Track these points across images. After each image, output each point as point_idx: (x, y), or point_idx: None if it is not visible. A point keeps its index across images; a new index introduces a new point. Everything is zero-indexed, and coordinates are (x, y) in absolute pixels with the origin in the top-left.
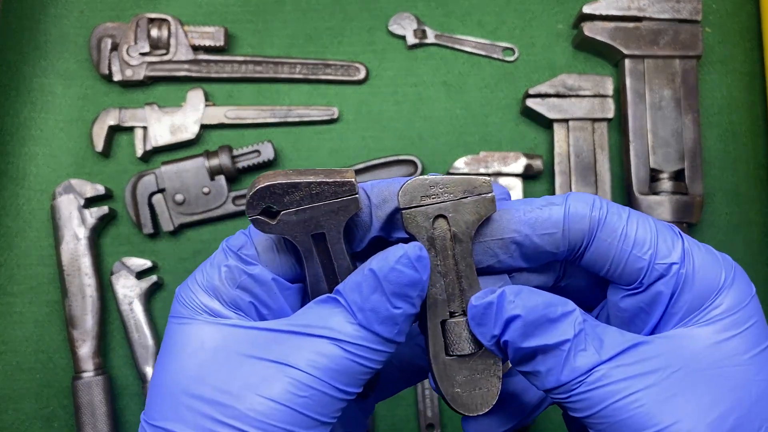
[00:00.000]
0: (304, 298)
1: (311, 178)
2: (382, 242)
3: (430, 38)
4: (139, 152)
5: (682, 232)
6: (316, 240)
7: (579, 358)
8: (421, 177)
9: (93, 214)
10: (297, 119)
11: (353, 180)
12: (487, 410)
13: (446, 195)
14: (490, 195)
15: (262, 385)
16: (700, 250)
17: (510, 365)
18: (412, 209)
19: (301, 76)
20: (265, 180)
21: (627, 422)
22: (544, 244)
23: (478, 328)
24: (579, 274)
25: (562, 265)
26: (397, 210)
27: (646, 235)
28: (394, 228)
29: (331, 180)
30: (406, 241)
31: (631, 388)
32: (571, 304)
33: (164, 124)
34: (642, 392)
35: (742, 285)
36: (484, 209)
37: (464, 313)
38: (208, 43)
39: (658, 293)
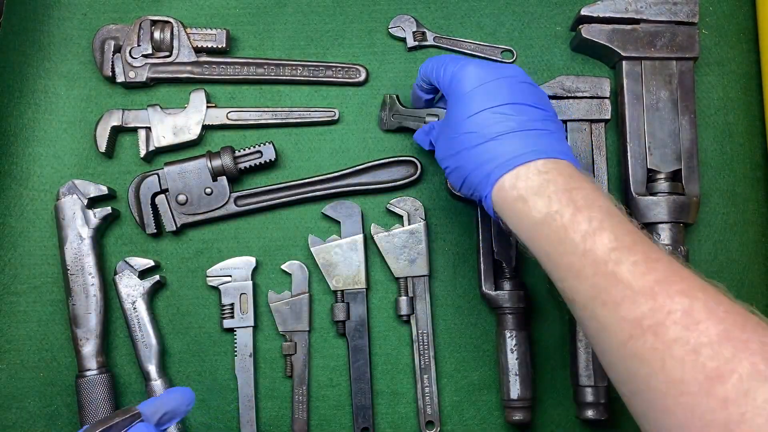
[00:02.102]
0: None
1: None
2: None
3: (430, 40)
4: (142, 153)
5: (467, 62)
6: None
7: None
8: None
9: (96, 215)
10: (298, 120)
11: None
12: None
13: None
14: None
15: None
16: (477, 67)
17: None
18: None
19: (302, 78)
20: None
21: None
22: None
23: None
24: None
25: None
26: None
27: (440, 71)
28: None
29: None
30: None
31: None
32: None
33: (167, 125)
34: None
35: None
36: None
37: None
38: (210, 45)
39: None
